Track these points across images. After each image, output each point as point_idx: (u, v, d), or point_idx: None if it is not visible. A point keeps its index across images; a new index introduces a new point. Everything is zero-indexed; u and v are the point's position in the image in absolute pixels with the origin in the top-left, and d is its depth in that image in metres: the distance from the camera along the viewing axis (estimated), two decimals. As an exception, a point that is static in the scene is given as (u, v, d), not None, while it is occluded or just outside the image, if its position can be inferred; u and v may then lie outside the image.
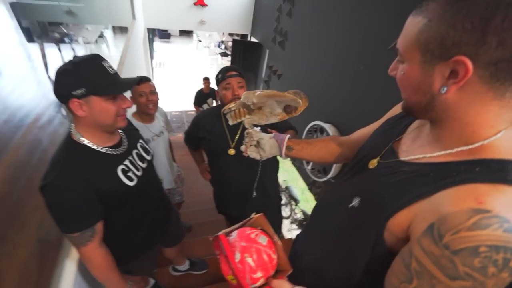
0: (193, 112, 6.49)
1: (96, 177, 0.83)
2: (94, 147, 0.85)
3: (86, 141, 0.84)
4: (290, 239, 2.48)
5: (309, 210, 4.08)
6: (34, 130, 0.96)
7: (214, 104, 4.71)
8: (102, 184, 0.84)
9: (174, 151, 2.18)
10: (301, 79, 3.05)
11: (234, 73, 1.30)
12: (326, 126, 2.34)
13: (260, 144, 0.85)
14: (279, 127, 1.31)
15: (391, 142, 0.62)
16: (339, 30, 2.34)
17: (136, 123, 1.60)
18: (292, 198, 3.87)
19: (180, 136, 5.84)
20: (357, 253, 0.59)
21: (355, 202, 0.60)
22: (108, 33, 4.05)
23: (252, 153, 0.86)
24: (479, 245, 0.37)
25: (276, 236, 0.81)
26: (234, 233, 0.78)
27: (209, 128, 1.44)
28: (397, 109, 0.73)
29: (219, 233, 0.75)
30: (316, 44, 2.73)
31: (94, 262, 0.88)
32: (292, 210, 3.89)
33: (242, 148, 0.86)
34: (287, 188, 4.04)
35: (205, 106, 4.55)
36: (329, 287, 0.69)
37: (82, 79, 0.74)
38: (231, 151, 1.37)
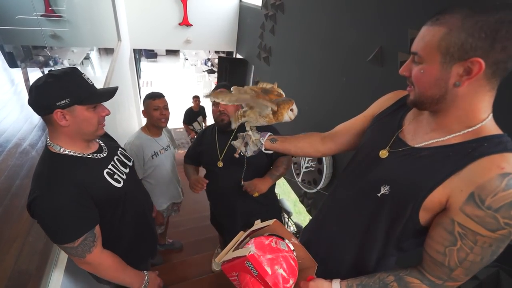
0: (182, 130, 6.46)
1: (84, 181, 0.83)
2: (76, 154, 0.86)
3: (66, 151, 0.85)
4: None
5: (302, 222, 4.04)
6: (15, 155, 0.94)
7: (203, 122, 4.71)
8: (92, 186, 0.84)
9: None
10: (287, 92, 3.11)
11: (223, 90, 1.38)
12: (314, 137, 2.38)
13: (246, 137, 0.91)
14: None
15: (394, 133, 0.72)
16: (320, 44, 2.43)
17: (145, 136, 1.70)
18: (285, 211, 3.84)
19: (169, 154, 5.79)
20: (390, 233, 0.69)
21: (384, 190, 0.68)
22: (94, 55, 4.06)
23: (238, 143, 0.92)
24: None
25: (293, 236, 0.82)
26: (252, 248, 0.75)
27: (205, 142, 1.56)
28: (384, 102, 0.83)
29: (246, 253, 0.71)
30: (300, 58, 2.82)
31: (106, 264, 0.88)
32: (285, 223, 3.85)
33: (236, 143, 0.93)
34: (279, 201, 4.02)
35: (195, 124, 4.55)
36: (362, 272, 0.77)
37: (66, 90, 0.78)
38: (220, 164, 1.45)
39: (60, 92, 0.77)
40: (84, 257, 0.81)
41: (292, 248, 0.79)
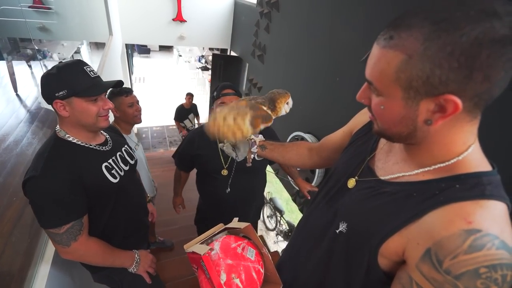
0: (174, 127, 6.40)
1: (81, 170, 0.85)
2: (79, 142, 0.90)
3: (71, 138, 0.89)
4: (276, 251, 2.44)
5: (294, 221, 4.07)
6: (-2, 152, 0.90)
7: (195, 120, 4.67)
8: (87, 176, 0.87)
9: (155, 167, 2.16)
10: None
11: (229, 91, 1.29)
12: (307, 136, 2.38)
13: (237, 143, 0.85)
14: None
15: (365, 159, 0.62)
16: (315, 43, 2.43)
17: None
18: (277, 210, 3.86)
19: (161, 151, 5.71)
20: (352, 277, 0.57)
21: (342, 227, 0.58)
22: (84, 49, 3.96)
23: (228, 149, 0.86)
24: (478, 267, 0.38)
25: (264, 247, 0.77)
26: (217, 246, 0.70)
27: (203, 147, 1.42)
28: (361, 117, 0.73)
29: (201, 253, 0.67)
30: (294, 57, 2.82)
31: (93, 250, 0.90)
32: (277, 221, 3.87)
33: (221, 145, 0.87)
34: (271, 199, 4.02)
35: (186, 122, 4.50)
36: None
37: (64, 82, 0.81)
38: (224, 172, 1.38)
39: (59, 84, 0.81)
40: (69, 245, 0.83)
41: (262, 258, 0.74)
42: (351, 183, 0.62)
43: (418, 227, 0.45)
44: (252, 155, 0.89)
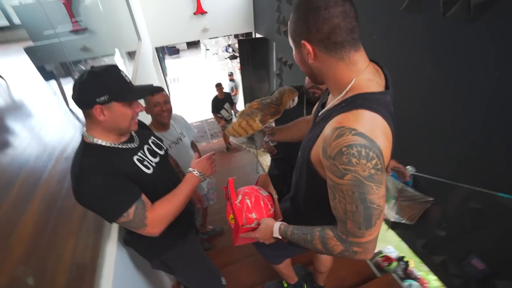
0: (213, 120, 6.57)
1: (116, 165, 0.87)
2: (108, 144, 0.91)
3: (99, 141, 0.90)
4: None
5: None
6: (61, 160, 1.00)
7: (232, 109, 4.71)
8: (124, 169, 0.89)
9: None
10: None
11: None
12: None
13: (254, 137, 1.09)
14: None
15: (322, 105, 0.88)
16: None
17: None
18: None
19: (204, 144, 5.95)
20: (306, 184, 0.84)
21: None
22: (118, 59, 4.22)
23: (247, 144, 1.10)
24: (341, 147, 0.58)
25: (275, 192, 1.04)
26: (244, 187, 1.02)
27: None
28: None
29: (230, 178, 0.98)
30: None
31: (164, 212, 0.91)
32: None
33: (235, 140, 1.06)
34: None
35: (223, 112, 4.57)
36: None
37: (105, 87, 0.82)
38: None
39: (100, 89, 0.82)
40: (146, 224, 0.86)
41: (273, 201, 0.99)
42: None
43: (321, 137, 0.66)
44: (265, 142, 1.13)
